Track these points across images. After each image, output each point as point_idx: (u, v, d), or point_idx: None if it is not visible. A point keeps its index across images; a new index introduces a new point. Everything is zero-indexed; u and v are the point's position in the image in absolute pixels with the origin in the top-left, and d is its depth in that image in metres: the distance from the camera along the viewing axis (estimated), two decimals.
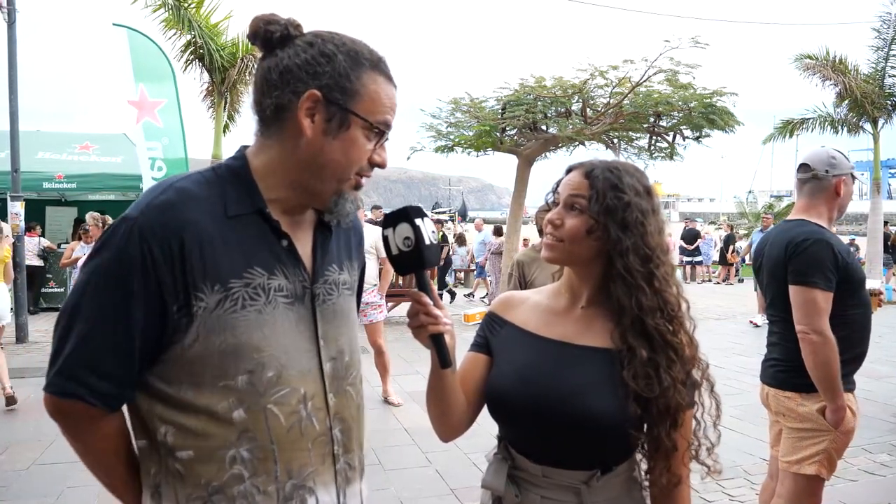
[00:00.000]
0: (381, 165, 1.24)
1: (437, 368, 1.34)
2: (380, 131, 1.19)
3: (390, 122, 1.21)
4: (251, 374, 1.13)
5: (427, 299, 1.26)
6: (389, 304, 10.73)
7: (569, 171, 1.46)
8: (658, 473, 1.36)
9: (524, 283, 4.50)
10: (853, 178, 2.67)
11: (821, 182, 2.64)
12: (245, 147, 1.26)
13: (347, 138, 1.17)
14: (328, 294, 1.27)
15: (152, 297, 1.09)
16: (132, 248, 1.08)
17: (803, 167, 2.70)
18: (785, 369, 2.65)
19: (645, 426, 1.34)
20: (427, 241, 1.24)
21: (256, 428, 1.14)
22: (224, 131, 12.28)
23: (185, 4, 10.77)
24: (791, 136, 16.59)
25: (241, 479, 1.14)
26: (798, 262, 2.52)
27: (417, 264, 1.25)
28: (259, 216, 1.18)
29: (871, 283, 3.36)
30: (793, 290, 2.53)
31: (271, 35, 1.18)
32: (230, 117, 12.42)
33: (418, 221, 1.24)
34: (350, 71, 1.16)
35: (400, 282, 10.15)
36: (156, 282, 1.09)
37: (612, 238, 1.35)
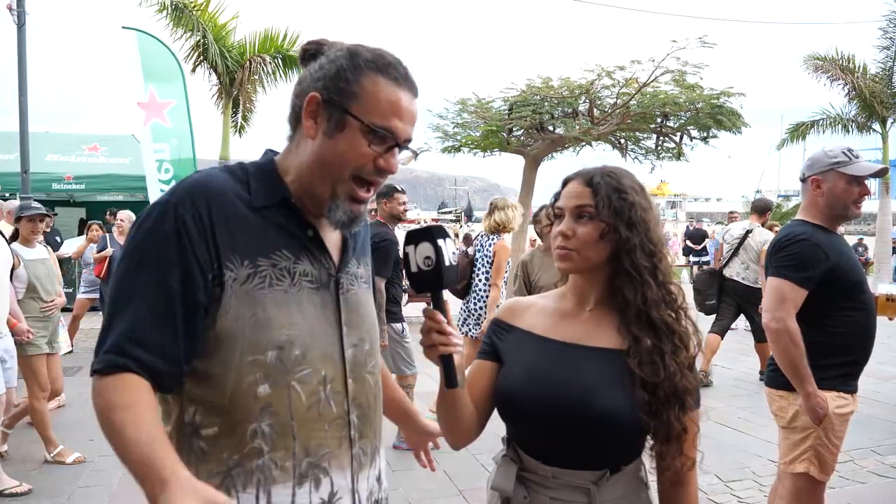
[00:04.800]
0: (389, 171, 1.24)
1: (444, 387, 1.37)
2: (379, 134, 1.19)
3: (394, 126, 1.20)
4: (280, 351, 1.17)
5: (441, 318, 1.28)
6: None
7: (566, 182, 1.49)
8: (672, 458, 1.38)
9: (529, 284, 4.50)
10: (839, 172, 2.63)
11: (804, 185, 2.76)
12: (273, 152, 1.32)
13: (343, 138, 1.19)
14: (350, 284, 1.32)
15: (190, 268, 1.12)
16: (167, 224, 1.13)
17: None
18: (776, 368, 2.71)
19: (654, 413, 1.35)
20: (447, 262, 1.26)
21: (279, 403, 1.17)
22: (240, 132, 12.33)
23: (192, 6, 10.82)
24: (803, 139, 16.57)
25: (261, 452, 1.17)
26: (776, 259, 2.64)
27: (436, 284, 1.27)
28: (284, 207, 1.23)
29: (888, 289, 3.34)
30: (767, 283, 2.66)
31: (305, 53, 1.28)
32: (244, 118, 12.47)
33: (440, 242, 1.26)
34: (348, 73, 1.19)
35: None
36: (192, 252, 1.12)
37: (622, 238, 1.39)
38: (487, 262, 5.46)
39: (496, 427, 1.53)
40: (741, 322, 10.50)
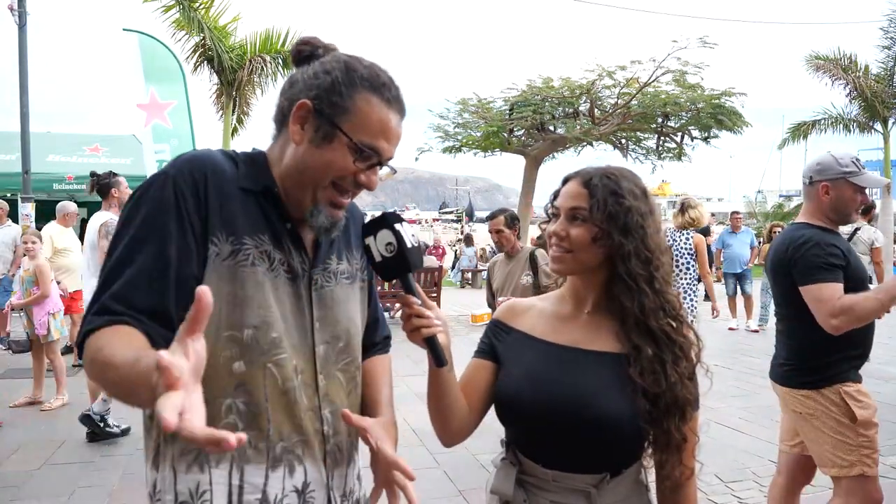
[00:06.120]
0: (368, 188, 1.26)
1: (434, 368, 1.37)
2: (365, 153, 1.20)
3: (381, 147, 1.22)
4: (256, 330, 1.18)
5: (415, 300, 1.28)
6: (396, 305, 10.78)
7: (565, 181, 1.48)
8: (671, 467, 1.38)
9: (490, 284, 4.73)
10: (849, 181, 2.65)
11: (810, 188, 2.75)
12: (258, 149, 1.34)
13: (329, 150, 1.20)
14: (326, 281, 1.32)
15: (186, 239, 1.14)
16: (167, 193, 1.15)
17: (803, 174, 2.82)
18: (793, 366, 2.70)
19: (655, 422, 1.35)
20: (409, 245, 1.27)
21: (253, 382, 1.18)
22: (233, 134, 12.35)
23: (195, 6, 10.84)
24: (805, 138, 16.59)
25: (235, 429, 1.17)
26: (802, 268, 2.61)
27: (402, 268, 1.28)
28: (268, 196, 1.24)
29: None
30: (803, 291, 2.60)
31: (299, 53, 1.28)
32: (239, 120, 12.49)
33: (398, 226, 1.27)
34: (343, 87, 1.20)
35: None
36: (189, 223, 1.14)
37: (616, 243, 1.37)
38: (687, 254, 6.00)
39: (496, 427, 1.53)
40: (742, 322, 10.52)
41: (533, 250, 4.55)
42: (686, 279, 5.96)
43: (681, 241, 6.05)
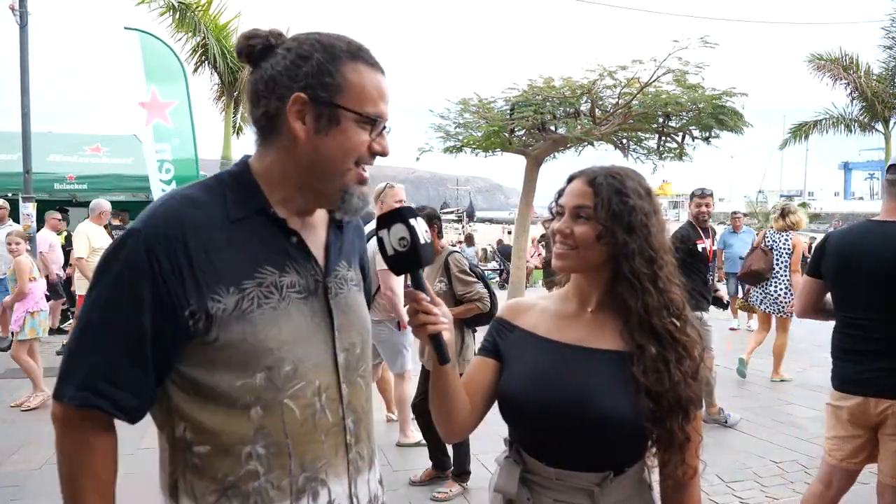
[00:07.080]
0: (383, 154, 1.25)
1: (437, 365, 1.37)
2: (372, 120, 1.19)
3: (381, 110, 1.21)
4: (270, 371, 1.15)
5: (424, 297, 1.28)
6: None
7: (570, 180, 1.48)
8: (674, 467, 1.38)
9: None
10: None
11: None
12: (248, 156, 1.28)
13: (339, 132, 1.18)
14: (339, 288, 1.30)
15: (162, 305, 1.10)
16: (139, 258, 1.10)
17: (894, 168, 2.67)
18: None
19: (658, 421, 1.35)
20: (422, 241, 1.26)
21: (272, 424, 1.16)
22: (238, 133, 12.35)
23: (193, 8, 10.85)
24: (806, 138, 16.60)
25: (257, 475, 1.16)
26: None
27: (414, 263, 1.27)
28: (263, 216, 1.20)
29: None
30: None
31: (253, 49, 1.21)
32: (244, 119, 12.50)
33: (412, 221, 1.26)
34: (329, 66, 1.17)
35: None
36: (165, 290, 1.10)
37: (619, 242, 1.37)
38: (786, 254, 6.79)
39: (497, 428, 1.53)
40: (743, 322, 10.52)
41: (448, 254, 4.17)
42: (786, 277, 6.77)
43: (780, 242, 6.80)
